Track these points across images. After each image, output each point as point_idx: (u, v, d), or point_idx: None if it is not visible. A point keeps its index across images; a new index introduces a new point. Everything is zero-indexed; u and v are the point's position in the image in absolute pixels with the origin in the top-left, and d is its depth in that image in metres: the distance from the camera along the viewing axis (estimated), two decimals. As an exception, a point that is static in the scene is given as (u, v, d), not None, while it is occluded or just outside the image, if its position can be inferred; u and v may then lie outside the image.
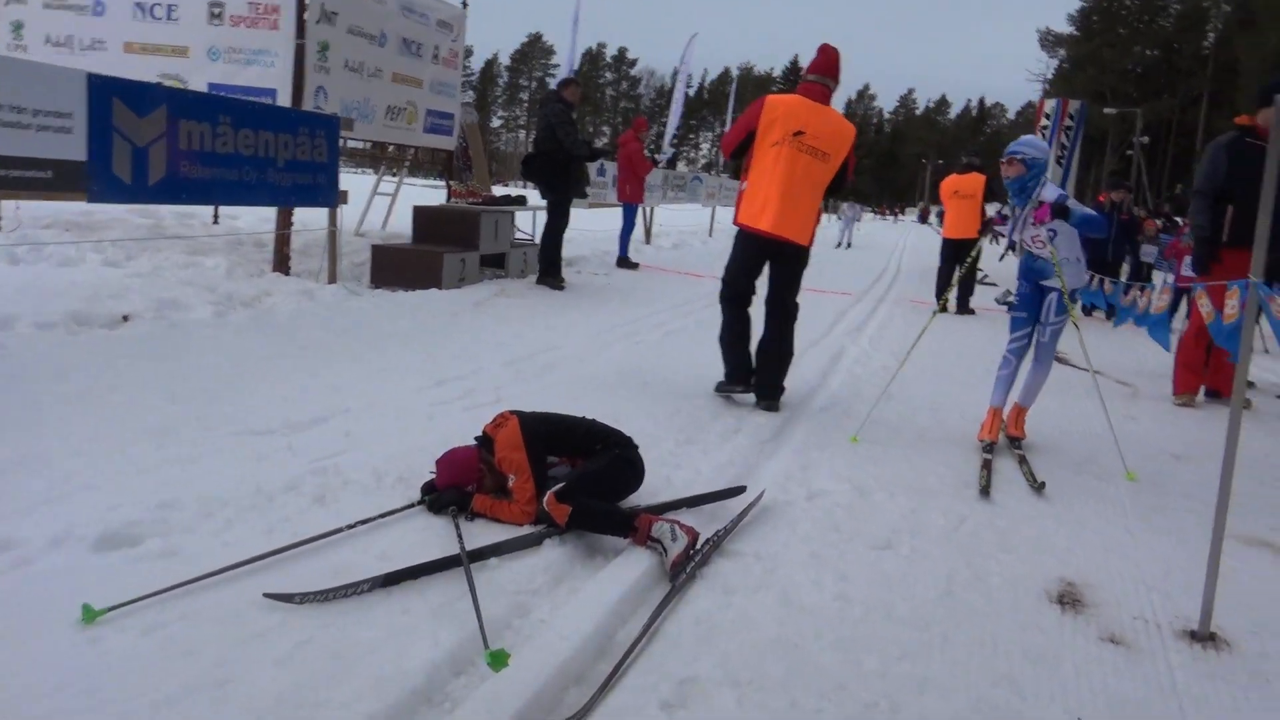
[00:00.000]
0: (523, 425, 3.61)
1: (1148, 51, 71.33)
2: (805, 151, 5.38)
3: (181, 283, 7.34)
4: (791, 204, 5.40)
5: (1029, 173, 4.94)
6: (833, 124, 5.49)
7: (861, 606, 3.01)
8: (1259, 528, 4.06)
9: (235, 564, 2.84)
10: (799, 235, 5.48)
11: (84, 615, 2.47)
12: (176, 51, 9.02)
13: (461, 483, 3.54)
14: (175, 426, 4.15)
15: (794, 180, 5.39)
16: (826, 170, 5.44)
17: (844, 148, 5.49)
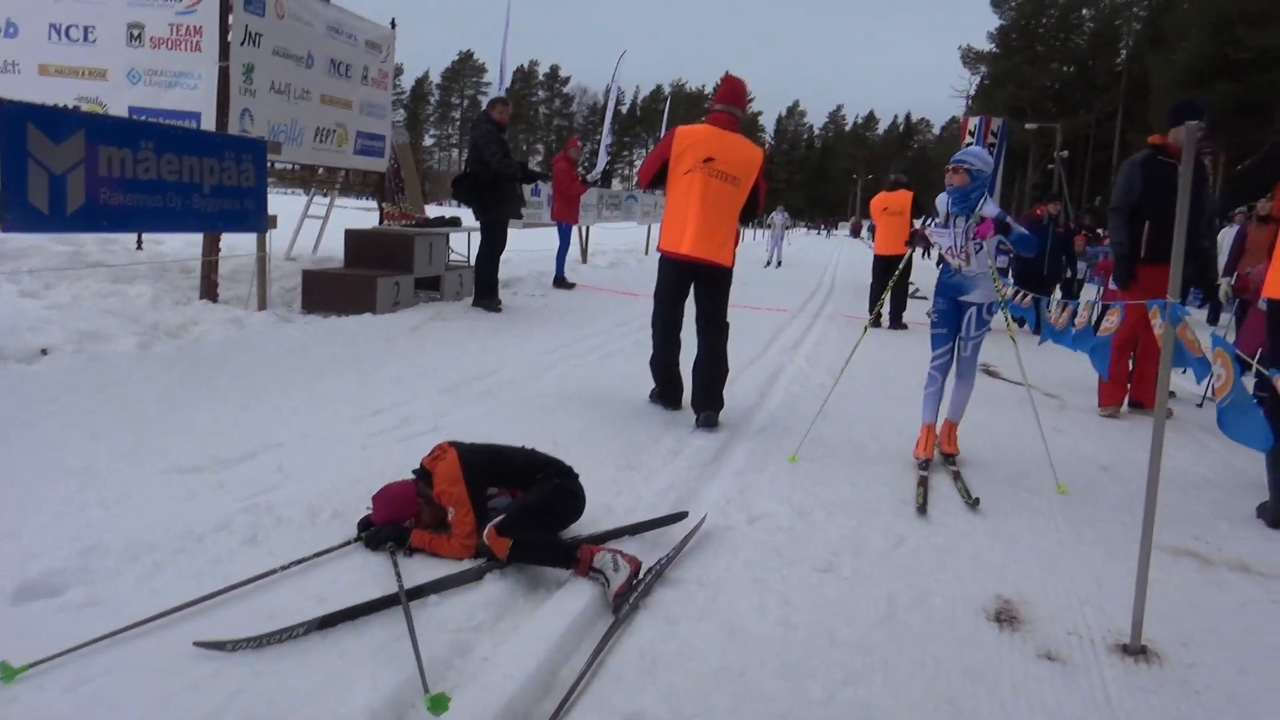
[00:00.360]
0: (461, 457, 3.56)
1: (1064, 68, 73.85)
2: (716, 177, 5.59)
3: (103, 313, 7.11)
4: (708, 227, 5.60)
5: (973, 183, 5.06)
6: (741, 150, 5.71)
7: (805, 631, 3.03)
8: (1184, 537, 4.19)
9: (163, 612, 2.74)
10: (718, 256, 5.67)
11: (2, 674, 2.36)
12: (94, 74, 8.76)
13: (399, 518, 3.48)
14: (98, 466, 4.00)
15: (708, 205, 5.59)
16: (738, 194, 5.67)
17: (752, 172, 5.70)
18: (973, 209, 5.05)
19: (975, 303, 5.16)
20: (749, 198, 5.71)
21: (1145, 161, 6.72)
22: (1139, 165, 6.74)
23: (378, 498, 3.50)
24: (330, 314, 8.53)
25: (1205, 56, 42.46)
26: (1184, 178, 2.80)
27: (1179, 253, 2.88)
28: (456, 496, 3.45)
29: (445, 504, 3.47)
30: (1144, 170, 6.66)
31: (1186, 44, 45.38)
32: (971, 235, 5.02)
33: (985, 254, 5.11)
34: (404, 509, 3.48)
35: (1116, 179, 6.95)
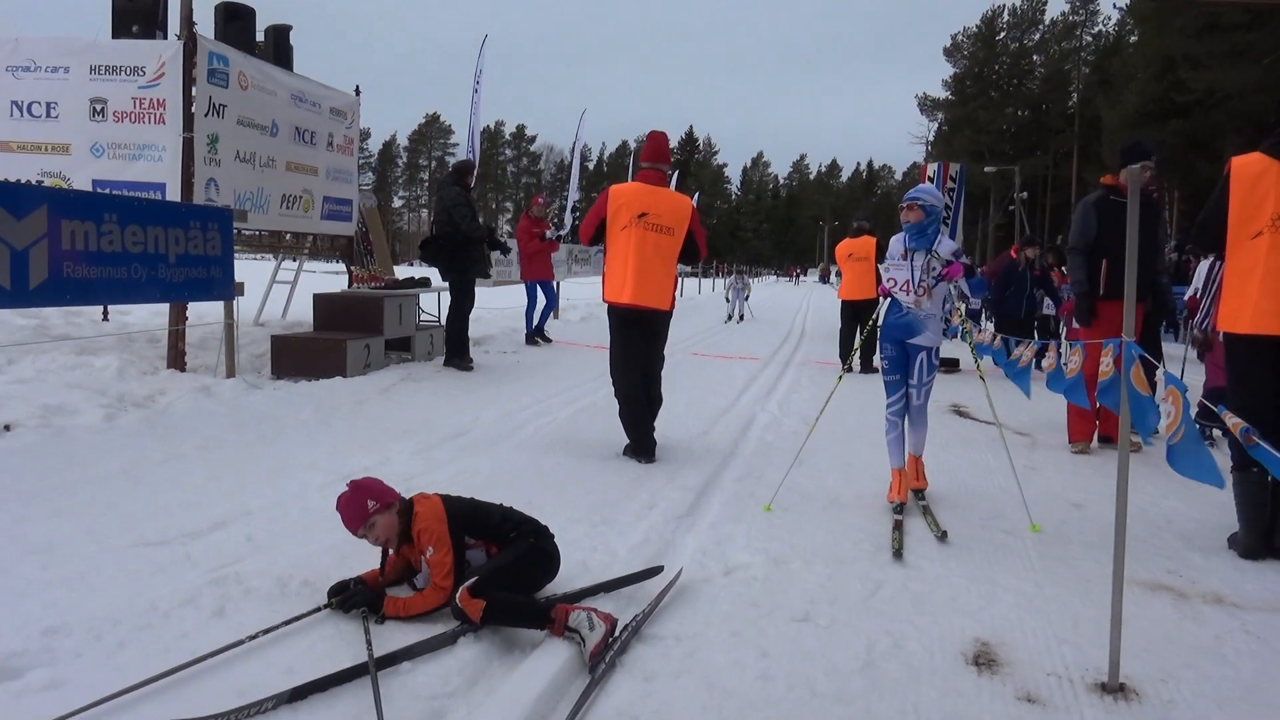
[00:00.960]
0: (445, 502, 3.58)
1: (1019, 112, 75.62)
2: (651, 230, 6.07)
3: (68, 386, 7.03)
4: (647, 277, 6.08)
5: (927, 218, 5.17)
6: (671, 202, 6.21)
7: (784, 684, 3.00)
8: (1157, 572, 4.21)
9: (127, 689, 2.68)
10: (658, 302, 6.17)
11: None
12: (57, 149, 8.77)
13: (349, 514, 3.47)
14: (61, 543, 3.93)
15: (645, 256, 6.06)
16: (673, 243, 6.12)
17: (684, 220, 6.15)
18: (930, 244, 5.14)
19: (924, 346, 5.21)
20: (687, 243, 6.16)
21: (1099, 202, 6.89)
22: (1093, 206, 6.92)
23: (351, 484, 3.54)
24: (300, 379, 8.48)
25: (1153, 98, 43.66)
26: (1130, 218, 2.87)
27: (1131, 292, 2.94)
28: (438, 535, 3.43)
29: (425, 542, 3.44)
30: (1098, 210, 6.84)
31: (1134, 86, 46.67)
32: (936, 273, 5.09)
33: (940, 292, 5.18)
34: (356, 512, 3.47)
35: (1073, 220, 7.08)
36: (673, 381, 10.24)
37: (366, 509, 3.47)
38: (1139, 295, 6.37)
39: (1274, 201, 4.28)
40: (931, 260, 5.12)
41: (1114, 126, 47.03)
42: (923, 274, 5.13)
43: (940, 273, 5.09)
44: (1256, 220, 4.33)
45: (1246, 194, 4.36)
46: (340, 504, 3.53)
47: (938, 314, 5.22)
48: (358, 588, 3.45)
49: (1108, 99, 51.82)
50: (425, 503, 3.57)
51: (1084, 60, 70.83)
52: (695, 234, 6.18)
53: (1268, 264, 4.26)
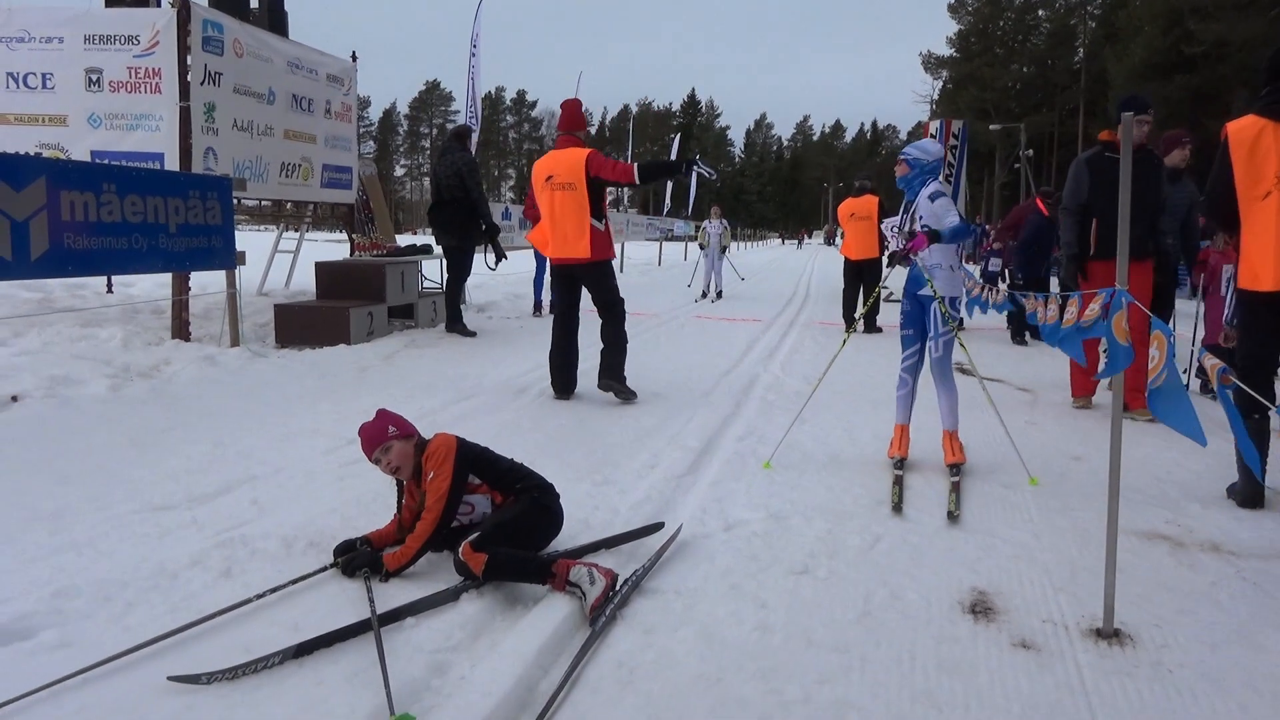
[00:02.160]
0: (459, 440, 3.66)
1: (1024, 69, 74.68)
2: (558, 189, 6.67)
3: (74, 357, 7.07)
4: (560, 232, 6.72)
5: (912, 171, 5.15)
6: (568, 160, 6.68)
7: (781, 634, 3.04)
8: (1155, 521, 4.24)
9: (135, 646, 2.73)
10: (577, 252, 6.70)
11: None
12: (54, 120, 8.75)
13: (369, 437, 3.60)
14: (69, 509, 3.98)
15: (556, 214, 6.70)
16: (577, 196, 6.63)
17: (580, 171, 6.59)
18: (915, 195, 5.13)
19: (933, 296, 5.14)
20: (595, 188, 6.63)
21: (1092, 159, 6.74)
22: (1085, 164, 6.75)
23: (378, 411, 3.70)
24: (304, 347, 8.52)
25: (1160, 50, 43.14)
26: (1124, 169, 2.85)
27: (1124, 244, 2.94)
28: (441, 460, 3.52)
29: (429, 468, 3.53)
30: (1090, 168, 6.68)
31: (1140, 39, 46.07)
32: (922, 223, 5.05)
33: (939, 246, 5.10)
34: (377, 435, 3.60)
35: (1066, 180, 6.91)
36: (676, 343, 10.29)
37: (386, 433, 3.58)
38: (1140, 251, 6.29)
39: (1276, 160, 4.27)
40: (915, 211, 5.11)
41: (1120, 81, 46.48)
42: (905, 223, 5.14)
43: (907, 245, 5.01)
44: (1262, 181, 4.32)
45: (1247, 158, 4.36)
46: (363, 427, 3.64)
47: (945, 264, 5.13)
48: (363, 547, 3.50)
49: (1114, 53, 51.22)
50: (439, 436, 3.67)
51: (1090, 14, 69.77)
52: (601, 175, 6.56)
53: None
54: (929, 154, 5.20)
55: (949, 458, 5.10)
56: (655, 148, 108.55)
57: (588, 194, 6.59)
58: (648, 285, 19.35)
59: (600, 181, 6.63)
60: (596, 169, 6.57)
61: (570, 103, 7.04)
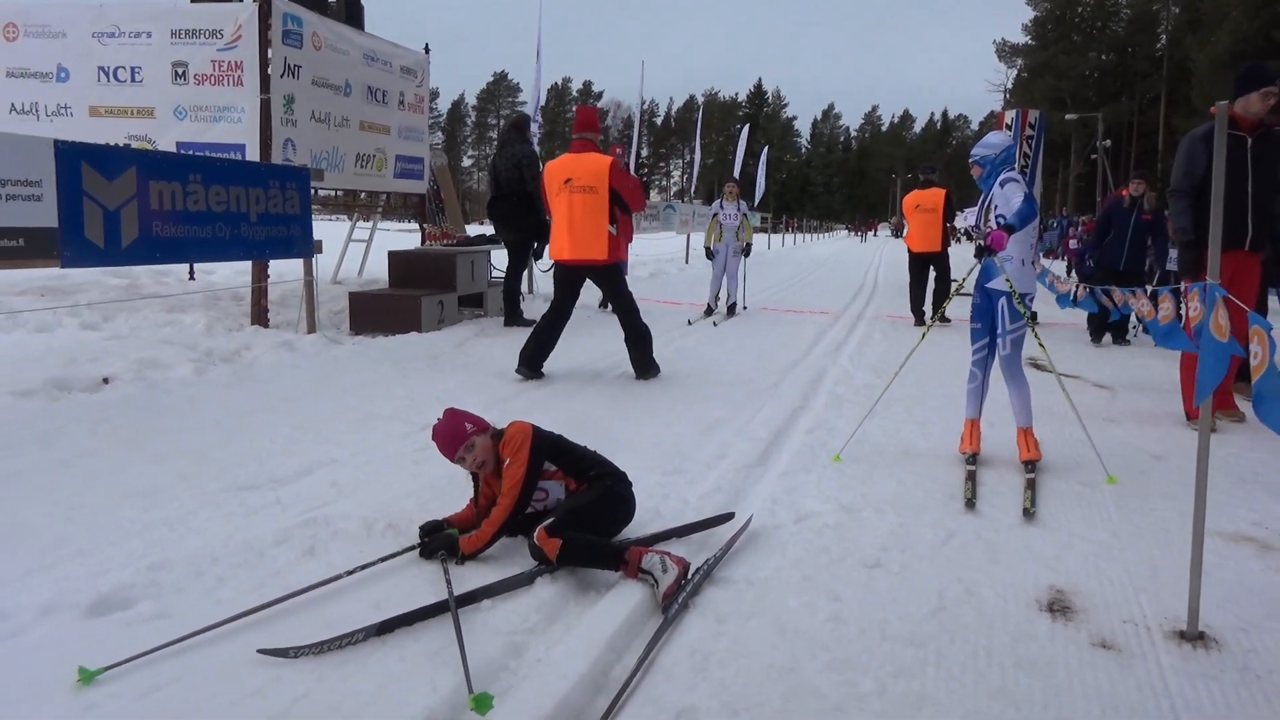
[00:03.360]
0: (534, 427, 3.73)
1: (1103, 56, 72.51)
2: (576, 192, 6.86)
3: (160, 342, 7.33)
4: (578, 234, 6.92)
5: (985, 170, 5.11)
6: (590, 164, 6.91)
7: (855, 626, 3.04)
8: (1241, 523, 4.12)
9: (230, 617, 2.85)
10: (593, 254, 6.94)
11: (80, 677, 2.48)
12: (142, 113, 9.06)
13: (448, 439, 3.65)
14: (161, 487, 4.15)
15: (574, 216, 6.91)
16: (598, 200, 6.84)
17: (603, 177, 6.84)
18: (990, 188, 5.05)
19: (1002, 291, 5.00)
20: (614, 196, 6.87)
21: (1208, 136, 5.93)
22: (1200, 140, 6.05)
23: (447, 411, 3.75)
24: (377, 334, 8.71)
25: (1247, 37, 41.52)
26: (1217, 153, 2.77)
27: (1216, 232, 2.86)
28: (517, 447, 3.59)
29: (505, 454, 3.60)
30: (1206, 146, 5.92)
31: (1226, 25, 44.40)
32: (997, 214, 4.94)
33: (1021, 237, 4.97)
34: (456, 434, 3.65)
35: (1176, 158, 6.28)
36: (741, 335, 10.27)
37: (465, 430, 3.64)
38: (1257, 243, 5.96)
39: None
40: (991, 203, 5.02)
41: (1205, 69, 44.92)
42: (980, 216, 5.07)
43: (988, 240, 4.88)
44: None
45: None
46: (438, 431, 3.69)
47: (1017, 257, 5.02)
48: (448, 530, 3.58)
49: (1198, 40, 49.44)
50: (514, 423, 3.74)
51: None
52: (618, 188, 6.86)
53: None
54: (994, 147, 5.11)
55: (1024, 454, 5.01)
56: (720, 138, 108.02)
57: (607, 200, 6.82)
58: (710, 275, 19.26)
59: (616, 192, 6.89)
60: (617, 181, 6.88)
61: (584, 109, 7.48)
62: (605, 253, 6.91)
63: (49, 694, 2.44)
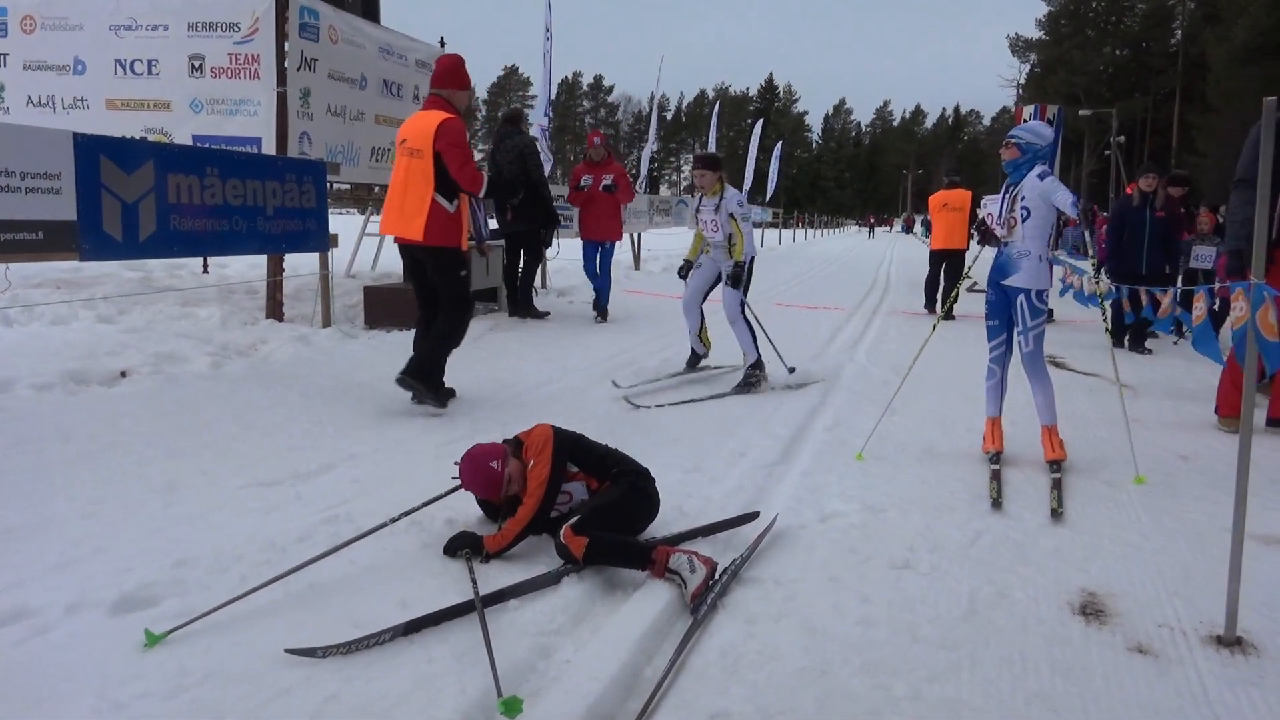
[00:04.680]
0: (554, 429, 3.70)
1: (1117, 52, 72.10)
2: (406, 154, 5.68)
3: (176, 335, 7.31)
4: (397, 204, 5.74)
5: (1022, 155, 4.93)
6: (422, 122, 5.66)
7: (886, 629, 3.00)
8: (1275, 525, 4.06)
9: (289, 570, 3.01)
10: (409, 232, 5.65)
11: (147, 640, 2.64)
12: (159, 106, 9.05)
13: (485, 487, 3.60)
14: (182, 482, 4.12)
15: (398, 183, 5.75)
16: (424, 166, 5.58)
17: (428, 138, 5.53)
18: (1021, 178, 4.93)
19: (1020, 288, 4.93)
20: (439, 167, 5.54)
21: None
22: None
23: (465, 460, 3.63)
24: (392, 328, 8.68)
25: (1264, 31, 41.21)
26: (1264, 152, 2.71)
27: (1262, 228, 2.80)
28: (540, 447, 3.57)
29: (528, 456, 3.57)
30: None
31: (1243, 19, 44.05)
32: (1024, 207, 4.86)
33: (1035, 228, 4.88)
34: (491, 480, 3.57)
35: (1244, 148, 5.76)
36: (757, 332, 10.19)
37: (496, 471, 3.56)
38: None
39: None
40: (1019, 193, 4.91)
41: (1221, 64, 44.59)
42: (1008, 207, 4.94)
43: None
44: None
45: None
46: (469, 480, 3.60)
47: (1035, 251, 4.94)
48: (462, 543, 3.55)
49: (1214, 35, 49.07)
50: (537, 426, 3.71)
51: (1189, -7, 67.03)
52: (444, 155, 5.53)
53: None
54: (1042, 138, 5.00)
55: (1049, 454, 4.95)
56: (732, 133, 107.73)
57: (433, 166, 5.55)
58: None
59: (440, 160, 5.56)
60: (445, 142, 5.54)
61: (445, 58, 6.06)
62: (421, 231, 5.58)
63: (77, 693, 2.42)
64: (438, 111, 5.68)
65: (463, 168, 5.60)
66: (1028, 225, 4.87)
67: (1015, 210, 4.91)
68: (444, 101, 5.77)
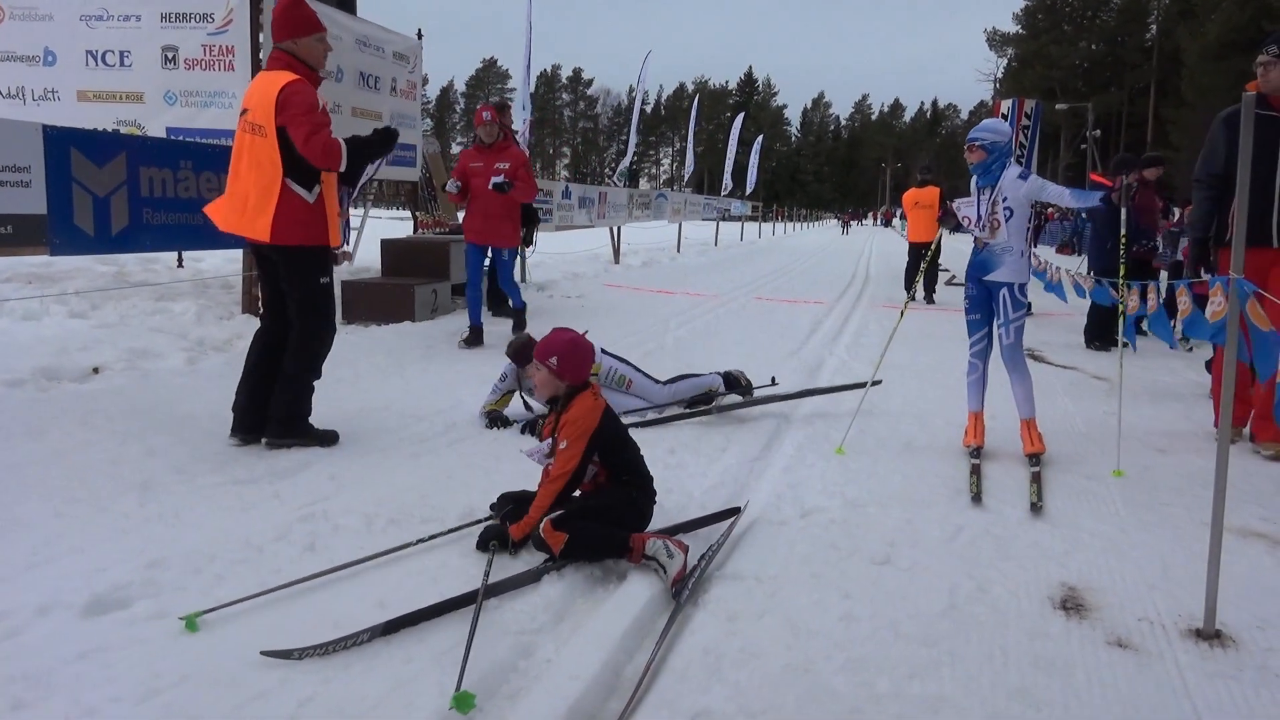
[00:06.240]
0: (605, 414, 3.54)
1: (1093, 46, 72.70)
2: (247, 130, 4.62)
3: (151, 330, 7.22)
4: (236, 194, 4.69)
5: (989, 156, 4.94)
6: (264, 88, 4.56)
7: (868, 625, 2.99)
8: (1249, 518, 4.09)
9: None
10: (255, 230, 4.59)
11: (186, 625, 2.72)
12: (131, 97, 8.90)
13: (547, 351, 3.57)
14: (156, 481, 4.06)
15: (238, 166, 4.70)
16: (268, 146, 4.50)
17: (269, 110, 4.46)
18: (996, 179, 4.94)
19: (1003, 282, 4.96)
20: (284, 145, 4.47)
21: (1232, 117, 5.19)
22: (1224, 122, 5.28)
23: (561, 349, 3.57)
24: (370, 324, 8.61)
25: (1237, 27, 41.61)
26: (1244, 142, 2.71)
27: (1242, 224, 2.80)
28: (579, 433, 3.43)
29: (565, 434, 3.45)
30: (1228, 129, 5.19)
31: (1217, 15, 44.48)
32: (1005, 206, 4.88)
33: (1017, 226, 4.91)
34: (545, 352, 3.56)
35: (1206, 144, 5.52)
36: (738, 326, 10.21)
37: (548, 361, 3.54)
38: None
39: None
40: (999, 195, 4.93)
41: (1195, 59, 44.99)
42: (989, 209, 4.95)
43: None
44: None
45: None
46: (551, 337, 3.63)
47: (1017, 248, 4.96)
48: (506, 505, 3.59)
49: (1189, 30, 49.54)
50: (589, 401, 3.53)
51: (1164, -12, 67.58)
52: (288, 128, 4.44)
53: None
54: (1003, 134, 5.01)
55: (1028, 447, 4.97)
56: (711, 126, 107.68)
57: (278, 145, 4.49)
58: (706, 266, 19.26)
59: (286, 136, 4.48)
60: (286, 120, 4.44)
61: (282, 3, 4.69)
62: (268, 230, 4.51)
63: (48, 697, 2.37)
64: (280, 73, 4.57)
65: (310, 139, 4.43)
66: (1011, 224, 4.90)
67: (998, 212, 4.92)
68: (287, 57, 4.63)
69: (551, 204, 14.54)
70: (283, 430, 4.71)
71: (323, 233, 4.70)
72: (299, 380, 4.79)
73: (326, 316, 4.86)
